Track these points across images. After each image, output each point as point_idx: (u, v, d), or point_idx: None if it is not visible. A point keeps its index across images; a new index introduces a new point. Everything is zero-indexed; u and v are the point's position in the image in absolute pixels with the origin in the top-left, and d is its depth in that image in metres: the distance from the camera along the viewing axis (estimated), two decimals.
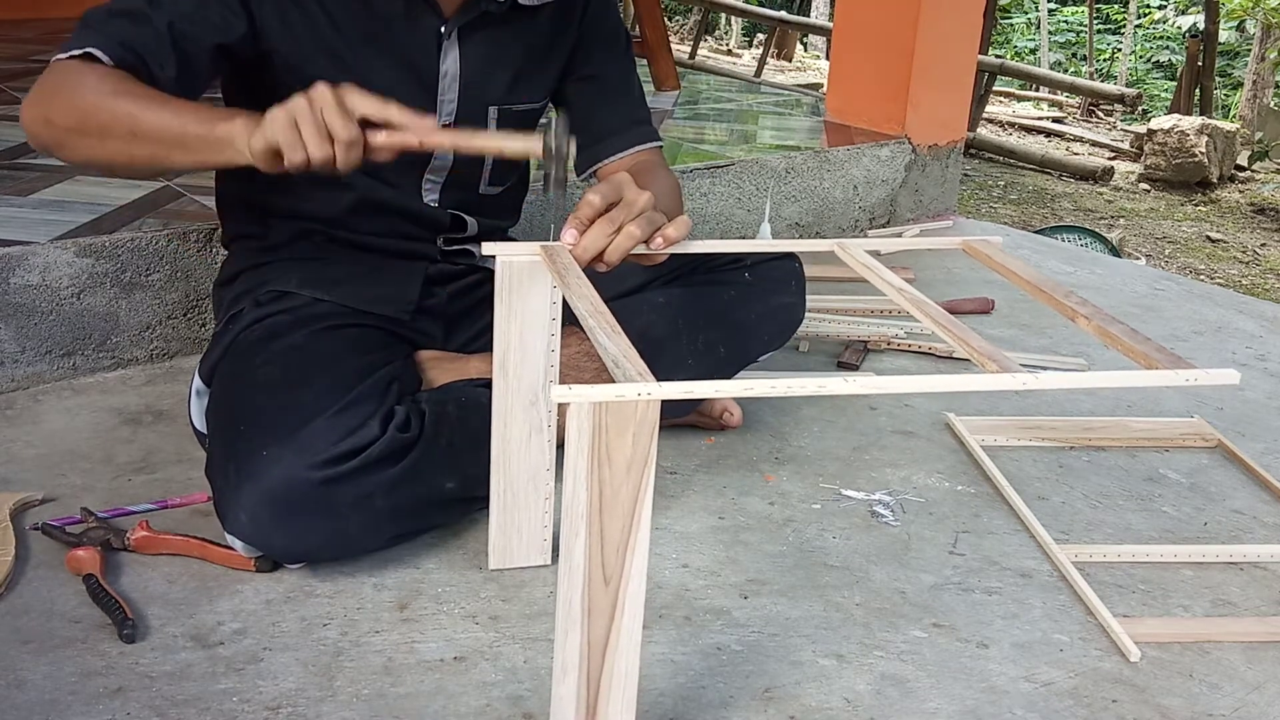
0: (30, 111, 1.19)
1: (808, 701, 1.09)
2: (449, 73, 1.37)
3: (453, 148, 1.18)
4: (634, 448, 0.83)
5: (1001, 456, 1.61)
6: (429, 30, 1.34)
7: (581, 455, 0.83)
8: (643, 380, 0.83)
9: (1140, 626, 1.22)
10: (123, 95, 1.15)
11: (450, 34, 1.35)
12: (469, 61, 1.37)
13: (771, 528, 1.40)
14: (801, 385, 0.85)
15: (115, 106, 1.14)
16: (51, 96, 1.17)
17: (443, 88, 1.37)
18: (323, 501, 1.16)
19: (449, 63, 1.36)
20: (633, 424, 0.82)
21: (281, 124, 1.06)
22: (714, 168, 2.43)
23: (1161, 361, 0.93)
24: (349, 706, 1.04)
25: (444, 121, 1.39)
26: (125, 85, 1.16)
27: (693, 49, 10.01)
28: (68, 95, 1.16)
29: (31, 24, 3.70)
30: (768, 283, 1.56)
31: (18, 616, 1.13)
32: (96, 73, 1.17)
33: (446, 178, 1.44)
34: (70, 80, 1.16)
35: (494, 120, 1.43)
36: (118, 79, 1.17)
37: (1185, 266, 5.29)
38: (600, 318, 0.94)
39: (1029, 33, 14.68)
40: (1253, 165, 7.39)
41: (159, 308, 1.75)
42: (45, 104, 1.17)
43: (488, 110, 1.42)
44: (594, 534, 0.85)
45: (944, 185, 2.95)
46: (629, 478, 0.84)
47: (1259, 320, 2.30)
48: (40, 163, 2.04)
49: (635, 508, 0.85)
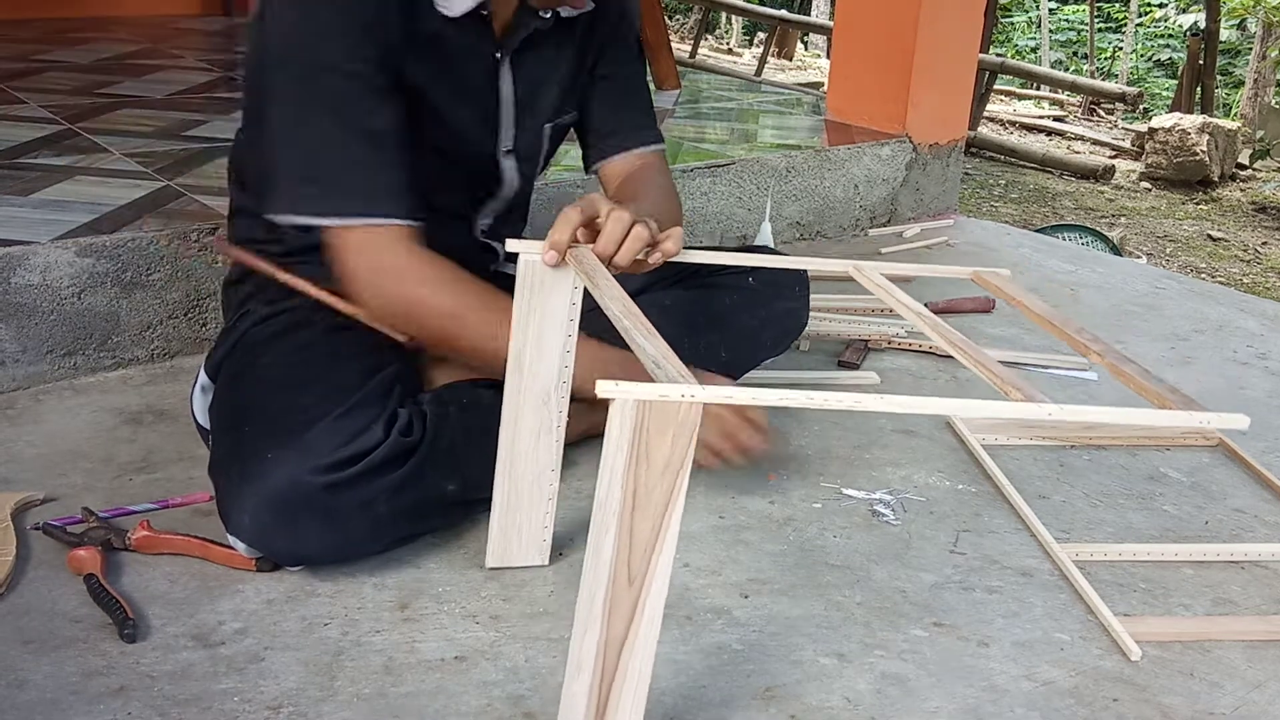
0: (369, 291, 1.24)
1: (808, 701, 1.09)
2: (506, 98, 1.37)
3: None
4: (673, 449, 0.83)
5: (1002, 455, 1.61)
6: (486, 56, 1.33)
7: (621, 452, 0.82)
8: (685, 382, 0.83)
9: (1141, 625, 1.22)
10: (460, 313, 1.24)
11: (504, 59, 1.35)
12: (522, 84, 1.37)
13: (772, 527, 1.40)
14: (839, 399, 0.84)
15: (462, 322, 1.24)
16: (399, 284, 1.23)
17: (503, 113, 1.38)
18: (325, 506, 1.16)
19: (505, 87, 1.36)
20: (673, 425, 0.82)
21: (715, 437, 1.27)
22: (714, 167, 2.43)
23: (1175, 402, 0.94)
24: (349, 706, 1.04)
25: (505, 148, 1.40)
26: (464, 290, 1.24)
27: (693, 48, 10.01)
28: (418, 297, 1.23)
29: (32, 24, 3.70)
30: (771, 287, 1.56)
31: (19, 616, 1.14)
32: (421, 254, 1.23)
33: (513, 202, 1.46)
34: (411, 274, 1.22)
35: (548, 138, 1.43)
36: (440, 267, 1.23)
37: (1186, 265, 5.29)
38: (635, 319, 0.93)
39: (1030, 31, 14.67)
40: (1254, 164, 7.39)
41: (160, 307, 1.75)
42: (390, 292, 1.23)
43: (543, 130, 1.43)
44: (624, 532, 0.85)
45: (945, 184, 2.95)
46: (664, 478, 0.84)
47: (1260, 319, 2.30)
48: (40, 162, 2.04)
49: (668, 509, 0.85)
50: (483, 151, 1.39)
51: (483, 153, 1.39)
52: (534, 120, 1.41)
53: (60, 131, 2.27)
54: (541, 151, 1.46)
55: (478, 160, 1.40)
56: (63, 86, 2.75)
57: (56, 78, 2.87)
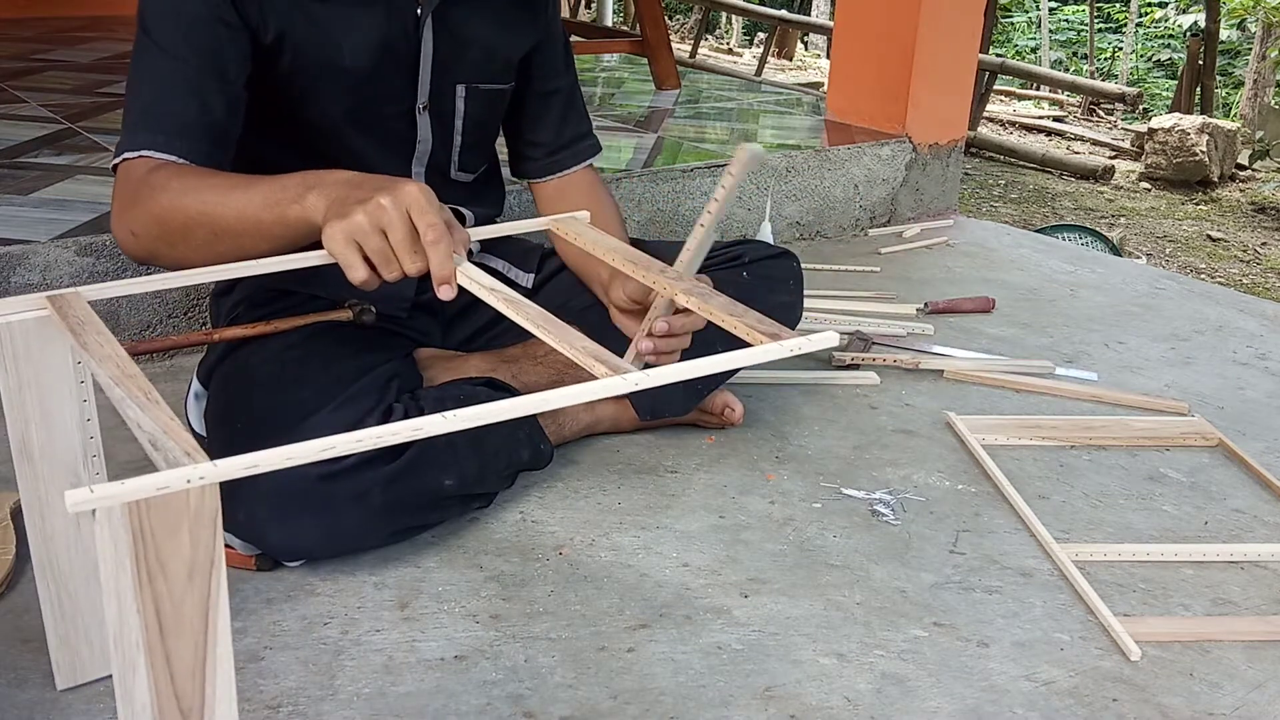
0: (116, 227, 1.18)
1: (808, 700, 1.09)
2: (426, 54, 1.36)
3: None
4: (194, 548, 0.65)
5: (1002, 455, 1.61)
6: (405, 12, 1.33)
7: (124, 571, 0.64)
8: (191, 461, 0.66)
9: (1141, 625, 1.22)
10: (191, 192, 1.12)
11: (426, 14, 1.34)
12: (442, 41, 1.36)
13: (772, 526, 1.40)
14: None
15: (188, 207, 1.11)
16: (129, 208, 1.16)
17: (421, 69, 1.37)
18: (320, 498, 1.17)
19: (425, 43, 1.36)
20: (188, 519, 0.65)
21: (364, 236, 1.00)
22: (714, 166, 2.43)
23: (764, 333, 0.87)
24: (349, 705, 1.04)
25: (421, 103, 1.39)
26: (192, 180, 1.14)
27: (693, 48, 10.02)
28: (143, 205, 1.14)
29: (31, 23, 3.70)
30: (765, 282, 1.56)
31: (19, 615, 1.14)
32: (164, 171, 1.15)
33: (427, 163, 1.44)
34: (142, 188, 1.15)
35: (462, 99, 1.42)
36: (184, 175, 1.15)
37: (1186, 265, 5.29)
38: (130, 384, 0.75)
39: (1030, 31, 14.67)
40: (1253, 164, 7.39)
41: (159, 307, 1.75)
42: (126, 217, 1.16)
43: (456, 89, 1.41)
44: (159, 667, 0.67)
45: (945, 184, 2.95)
46: (193, 586, 0.66)
47: (1260, 319, 2.30)
48: (40, 162, 2.04)
49: (209, 622, 0.67)
50: (400, 108, 1.38)
51: (400, 109, 1.38)
52: (448, 78, 1.39)
53: (60, 131, 2.27)
54: (456, 112, 1.43)
55: (394, 119, 1.39)
56: (63, 86, 2.75)
57: (56, 77, 2.87)
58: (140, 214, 1.14)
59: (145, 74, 1.20)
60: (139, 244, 1.16)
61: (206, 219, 1.11)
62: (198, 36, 1.19)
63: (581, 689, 1.08)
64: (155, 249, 1.16)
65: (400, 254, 1.00)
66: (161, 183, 1.14)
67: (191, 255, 1.13)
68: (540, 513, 1.39)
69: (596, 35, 4.11)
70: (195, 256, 1.12)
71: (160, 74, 1.19)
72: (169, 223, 1.13)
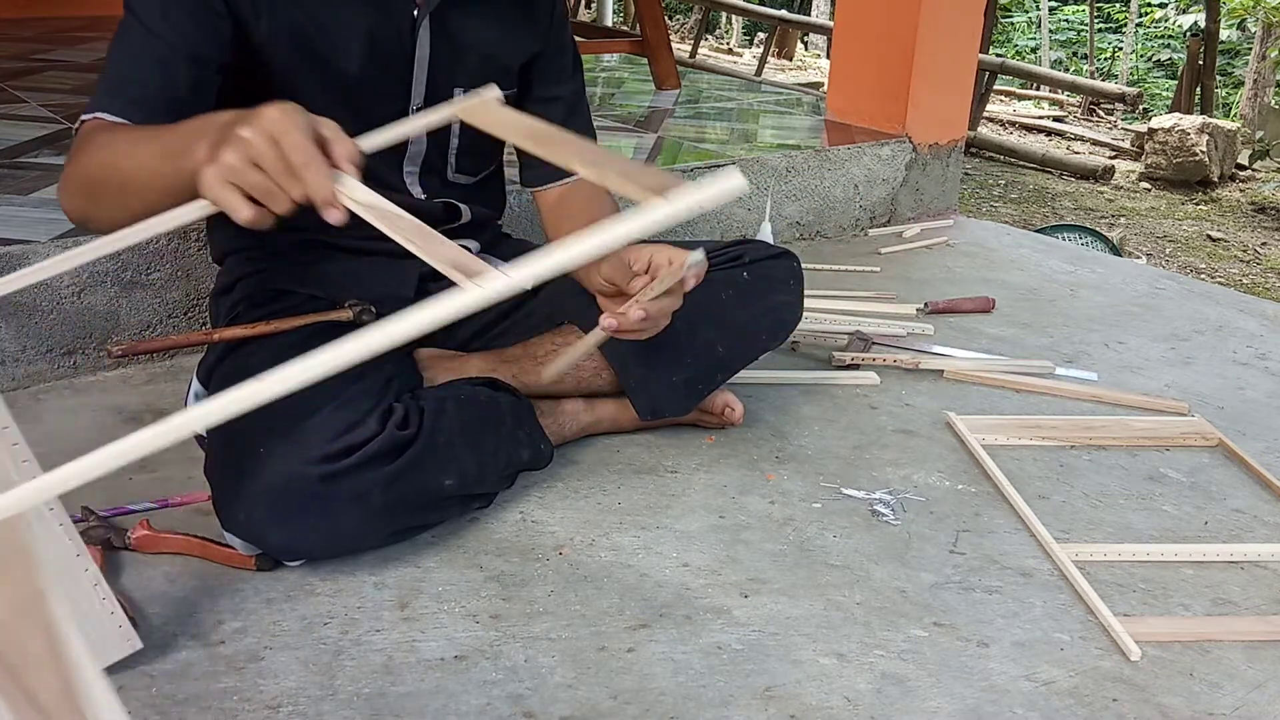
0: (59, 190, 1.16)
1: (808, 700, 1.09)
2: (421, 57, 1.36)
3: None
4: (16, 586, 0.58)
5: (1002, 455, 1.61)
6: (402, 14, 1.32)
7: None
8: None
9: (1141, 625, 1.22)
10: (108, 146, 1.07)
11: (423, 17, 1.34)
12: (440, 44, 1.36)
13: (772, 526, 1.40)
14: None
15: (104, 160, 1.07)
16: (66, 167, 1.14)
17: (415, 72, 1.36)
18: (320, 498, 1.17)
19: (422, 47, 1.35)
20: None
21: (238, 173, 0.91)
22: (715, 166, 2.43)
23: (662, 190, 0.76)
24: (349, 705, 1.04)
25: (415, 105, 1.38)
26: (120, 135, 1.09)
27: (693, 48, 10.02)
28: (75, 162, 1.12)
29: (31, 23, 3.70)
30: (765, 281, 1.56)
31: None
32: (103, 130, 1.12)
33: (421, 165, 1.44)
34: (79, 146, 1.13)
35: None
36: (114, 130, 1.11)
37: (1186, 265, 5.29)
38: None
39: (1030, 31, 14.67)
40: (1253, 164, 7.39)
41: (160, 306, 1.75)
42: (63, 177, 1.14)
43: (454, 94, 1.40)
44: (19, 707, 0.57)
45: (945, 184, 2.95)
46: (32, 623, 0.58)
47: (1260, 319, 2.30)
48: (40, 162, 2.04)
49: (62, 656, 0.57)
50: (392, 110, 1.36)
51: (392, 111, 1.36)
52: (445, 83, 1.39)
53: (60, 131, 2.27)
54: None
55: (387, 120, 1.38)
56: (63, 86, 2.75)
57: (56, 77, 2.87)
58: (70, 171, 1.13)
59: (119, 46, 1.20)
60: (71, 203, 1.14)
61: (116, 172, 1.06)
62: (176, 16, 1.19)
63: (581, 689, 1.08)
64: (85, 209, 1.13)
65: (281, 182, 0.91)
66: (95, 139, 1.11)
67: (114, 214, 1.06)
68: (540, 513, 1.39)
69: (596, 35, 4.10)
70: (117, 215, 1.04)
71: (133, 47, 1.20)
72: (90, 177, 1.10)
